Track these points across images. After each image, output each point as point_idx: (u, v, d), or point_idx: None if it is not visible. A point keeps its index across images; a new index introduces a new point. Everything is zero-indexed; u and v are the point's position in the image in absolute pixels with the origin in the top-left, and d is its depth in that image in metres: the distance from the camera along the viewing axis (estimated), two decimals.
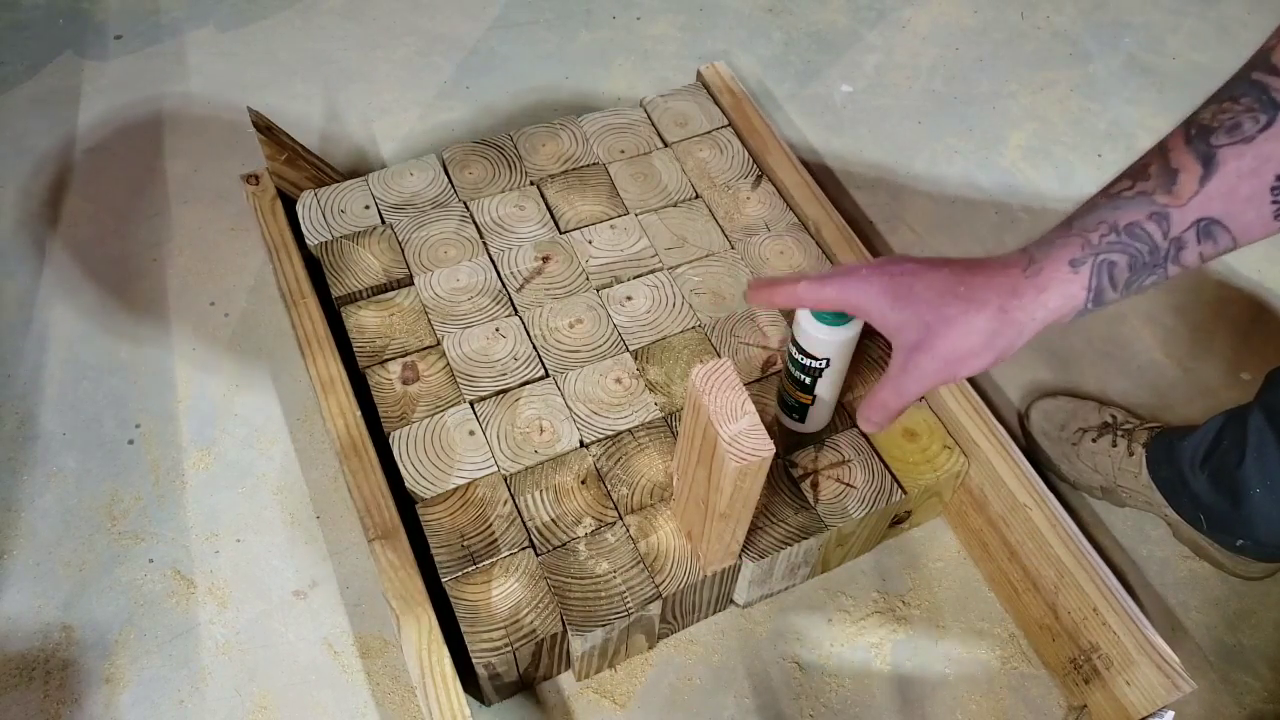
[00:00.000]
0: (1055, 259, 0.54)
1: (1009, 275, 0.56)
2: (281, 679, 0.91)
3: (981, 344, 0.56)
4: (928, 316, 0.57)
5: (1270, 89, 0.47)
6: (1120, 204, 0.52)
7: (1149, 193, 0.51)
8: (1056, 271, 0.54)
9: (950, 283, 0.57)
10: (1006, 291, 0.55)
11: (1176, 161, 0.50)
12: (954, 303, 0.56)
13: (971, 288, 0.56)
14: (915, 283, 0.58)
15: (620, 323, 1.00)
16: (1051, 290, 0.55)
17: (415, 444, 0.91)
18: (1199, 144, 0.50)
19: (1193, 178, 0.50)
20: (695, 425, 0.73)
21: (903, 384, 0.60)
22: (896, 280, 0.59)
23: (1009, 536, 0.92)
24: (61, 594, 0.96)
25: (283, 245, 1.05)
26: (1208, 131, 0.49)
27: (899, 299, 0.59)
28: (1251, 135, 0.48)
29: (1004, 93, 1.46)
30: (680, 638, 0.94)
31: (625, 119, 1.19)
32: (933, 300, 0.57)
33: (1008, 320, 0.55)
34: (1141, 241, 0.52)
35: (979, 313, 0.56)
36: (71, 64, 1.44)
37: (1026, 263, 0.55)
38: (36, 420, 1.08)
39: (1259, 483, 0.85)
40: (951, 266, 0.58)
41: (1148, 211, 0.51)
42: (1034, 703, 0.91)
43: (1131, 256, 0.53)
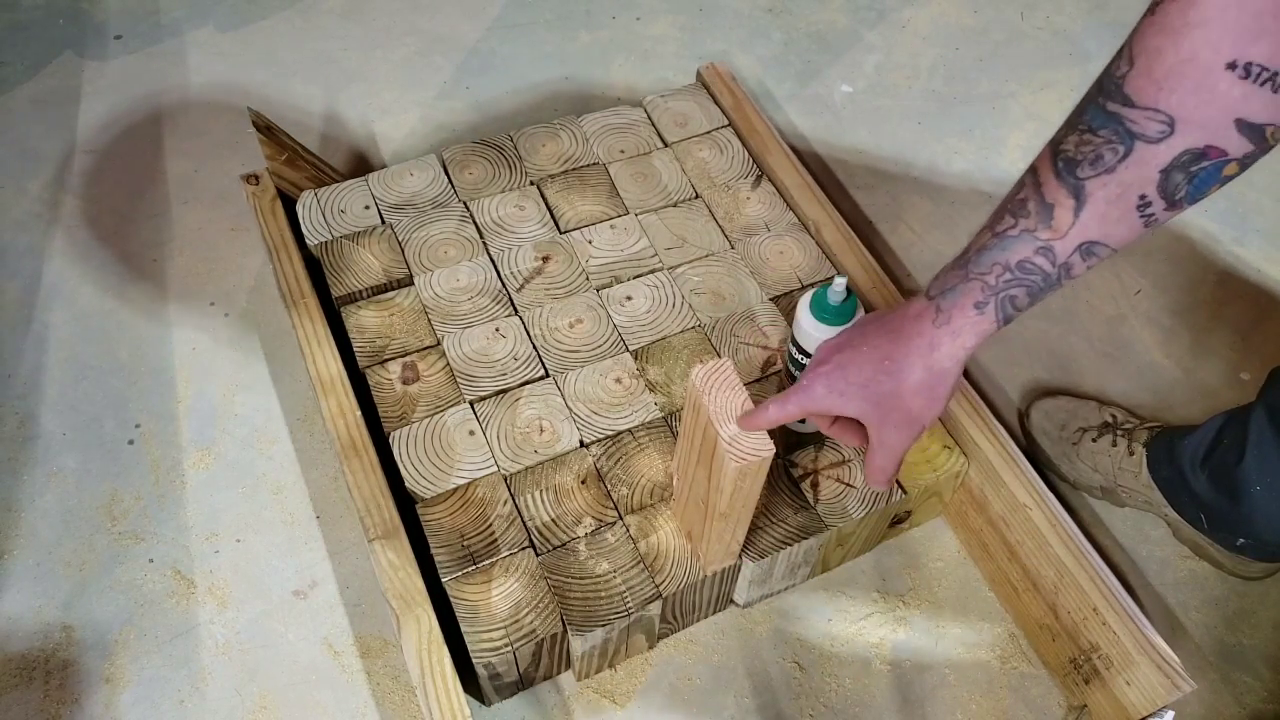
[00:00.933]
0: (961, 305, 0.61)
1: (923, 334, 0.62)
2: (281, 679, 0.91)
3: (925, 402, 0.64)
4: (873, 399, 0.65)
5: (1125, 120, 0.52)
6: (1007, 243, 0.58)
7: (1031, 230, 0.57)
8: (964, 317, 0.61)
9: (875, 363, 0.64)
10: (925, 349, 0.62)
11: (1050, 196, 0.56)
12: (886, 380, 0.64)
13: (894, 360, 0.63)
14: (847, 374, 0.65)
15: (620, 323, 1.00)
16: (965, 333, 0.61)
17: (415, 444, 0.91)
18: (1068, 177, 0.55)
19: (1067, 211, 0.55)
20: (695, 425, 0.73)
21: (886, 456, 0.68)
22: (832, 378, 0.66)
23: (1009, 536, 0.92)
24: (61, 594, 0.96)
25: (283, 245, 1.05)
26: (1074, 164, 0.55)
27: (844, 394, 0.66)
28: (1113, 166, 0.53)
29: (1004, 93, 1.46)
30: (680, 638, 0.94)
31: (625, 119, 1.19)
32: (868, 384, 0.65)
33: (936, 372, 0.63)
34: (1034, 274, 0.58)
35: (910, 375, 0.63)
36: (71, 64, 1.44)
37: (934, 313, 0.62)
38: (36, 420, 1.08)
39: (1259, 481, 0.85)
40: (868, 340, 0.65)
41: (1034, 248, 0.57)
42: (1034, 703, 0.91)
43: (1028, 287, 0.59)
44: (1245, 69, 0.47)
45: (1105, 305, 1.21)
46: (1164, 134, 0.51)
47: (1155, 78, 0.50)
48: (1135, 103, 0.51)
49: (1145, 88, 0.51)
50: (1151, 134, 0.51)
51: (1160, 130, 0.51)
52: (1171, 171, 0.52)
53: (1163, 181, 0.52)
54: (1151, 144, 0.52)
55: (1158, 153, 0.52)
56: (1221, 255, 1.26)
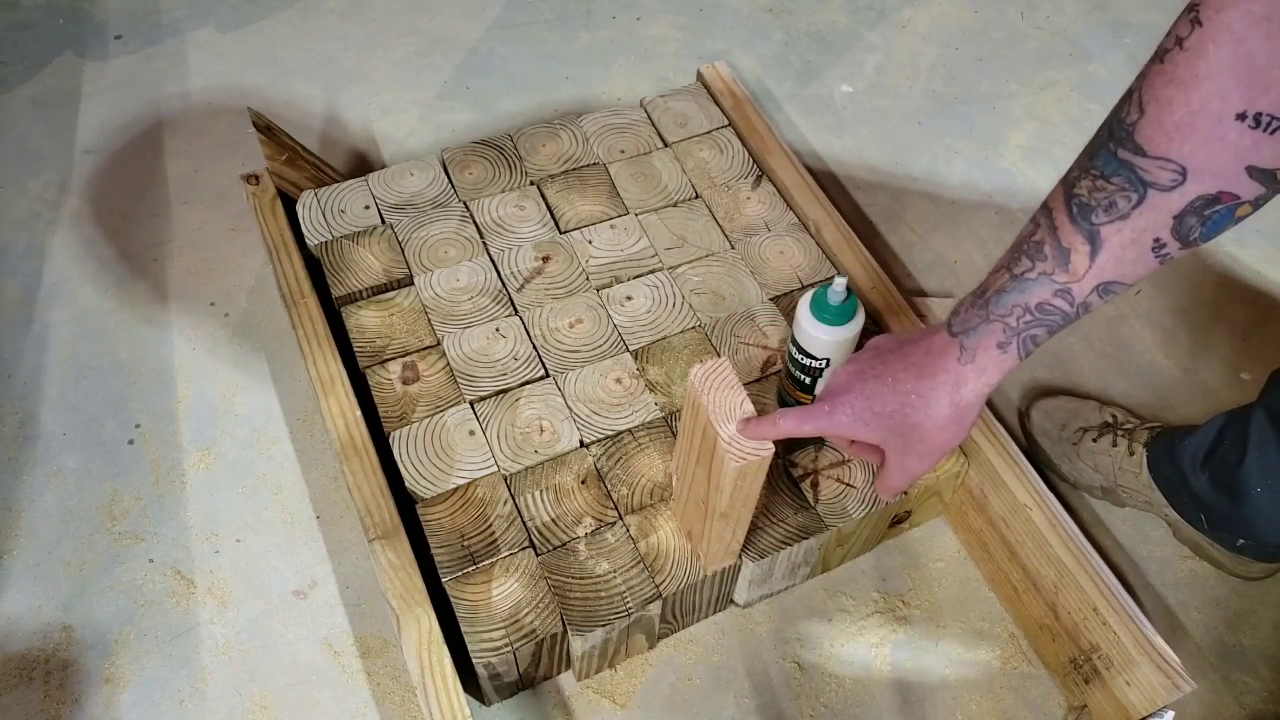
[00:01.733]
0: (984, 346, 0.63)
1: (948, 370, 0.64)
2: (281, 679, 0.91)
3: (950, 434, 0.66)
4: (899, 428, 0.67)
5: (1137, 169, 0.53)
6: (1026, 286, 0.60)
7: (1049, 273, 0.59)
8: (988, 356, 0.63)
9: (901, 396, 0.66)
10: (951, 386, 0.64)
11: (1066, 241, 0.58)
12: (914, 412, 0.66)
13: (921, 394, 0.65)
14: (873, 404, 0.67)
15: (620, 323, 1.00)
16: (989, 370, 0.64)
17: (415, 444, 0.91)
18: (1083, 223, 0.57)
19: (1083, 256, 0.57)
20: (695, 425, 0.73)
21: (901, 478, 0.71)
22: (856, 408, 0.68)
23: (1009, 536, 0.92)
24: (61, 594, 0.96)
25: (283, 245, 1.05)
26: (1088, 209, 0.56)
27: (868, 424, 0.68)
28: (1127, 213, 0.54)
29: (1004, 93, 1.46)
30: (680, 638, 0.94)
31: (625, 119, 1.19)
32: (894, 415, 0.67)
33: (961, 406, 0.65)
34: (1053, 315, 0.61)
35: (938, 412, 0.65)
36: (71, 64, 1.44)
37: (959, 351, 0.64)
38: (36, 420, 1.08)
39: (1260, 482, 0.85)
40: (894, 373, 0.67)
41: (1052, 290, 0.59)
42: (1034, 703, 0.91)
43: (1048, 327, 0.62)
44: (1255, 119, 0.48)
45: (1105, 305, 1.21)
46: (1176, 182, 0.52)
47: (1166, 128, 0.51)
48: (1147, 152, 0.52)
49: (1156, 138, 0.52)
50: (1164, 182, 0.52)
51: (1173, 179, 0.52)
52: (1185, 216, 0.53)
53: (1176, 226, 0.54)
54: (1164, 192, 0.53)
55: (1171, 200, 0.53)
56: (1221, 256, 1.26)
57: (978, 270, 1.23)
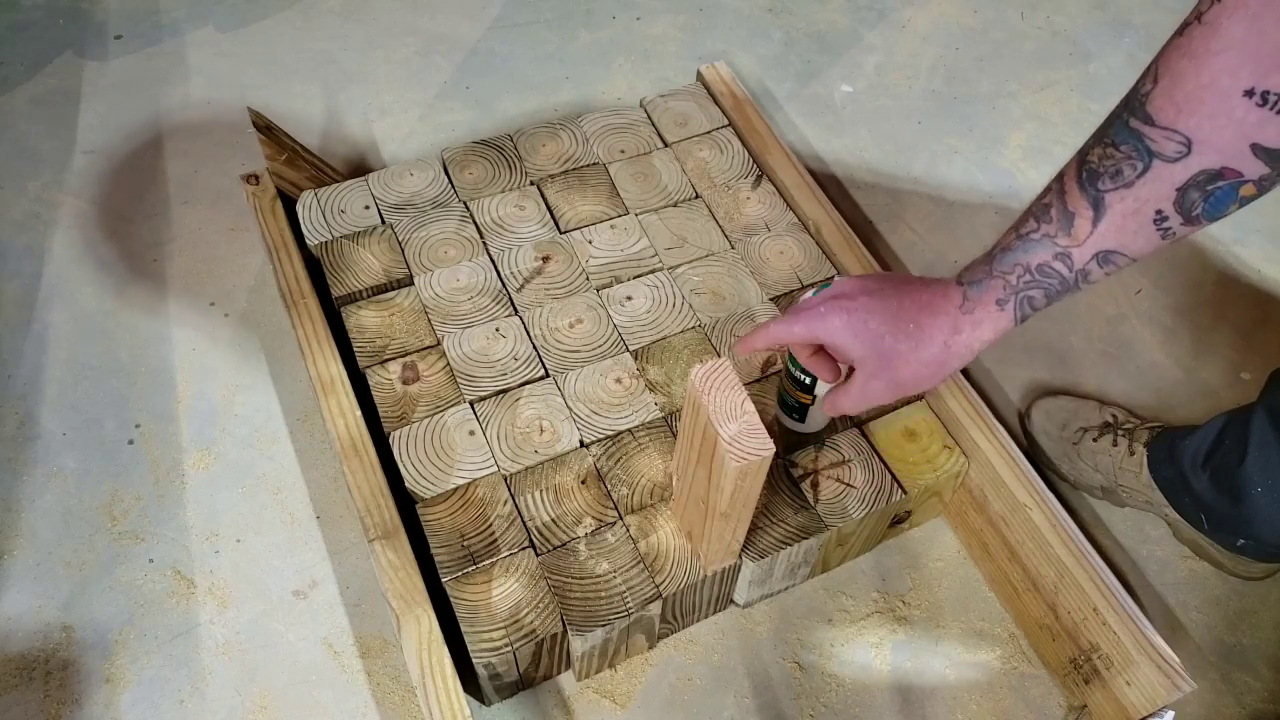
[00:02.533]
0: (984, 300, 0.64)
1: (949, 313, 0.65)
2: (281, 679, 0.91)
3: (929, 373, 0.67)
4: (885, 351, 0.67)
5: (1145, 138, 0.54)
6: (1029, 246, 0.61)
7: (1052, 235, 0.60)
8: (987, 311, 0.64)
9: (900, 319, 0.66)
10: (949, 329, 0.65)
11: (1072, 205, 0.59)
12: (905, 340, 0.66)
13: (920, 325, 0.66)
14: (869, 319, 0.67)
15: (620, 323, 1.00)
16: (985, 325, 0.65)
17: (415, 444, 0.91)
18: (1089, 188, 0.58)
19: (1086, 221, 0.58)
20: (695, 425, 0.73)
21: (861, 400, 0.71)
22: (853, 315, 0.68)
23: (1009, 536, 0.92)
24: (61, 594, 0.96)
25: (283, 245, 1.05)
26: (1095, 176, 0.57)
27: (857, 334, 0.68)
28: (1131, 181, 0.55)
29: (1004, 93, 1.46)
30: (680, 638, 0.94)
31: (625, 119, 1.19)
32: (887, 337, 0.67)
33: (950, 352, 0.66)
34: (1052, 278, 0.61)
35: (927, 348, 0.66)
36: (71, 64, 1.44)
37: (961, 299, 0.65)
38: (36, 420, 1.08)
39: (1260, 482, 0.85)
40: (900, 299, 0.67)
41: (1053, 253, 0.60)
42: (1034, 703, 0.91)
43: (1045, 289, 0.62)
44: (1263, 96, 0.49)
45: (1105, 305, 1.21)
46: (1181, 154, 0.53)
47: (1176, 100, 0.52)
48: (1156, 122, 0.53)
49: (1165, 108, 0.53)
50: (1169, 153, 0.53)
51: (1178, 150, 0.53)
52: (1188, 190, 0.54)
53: (1179, 199, 0.54)
54: (1169, 163, 0.53)
55: (1174, 171, 0.53)
56: (1222, 255, 1.26)
57: None
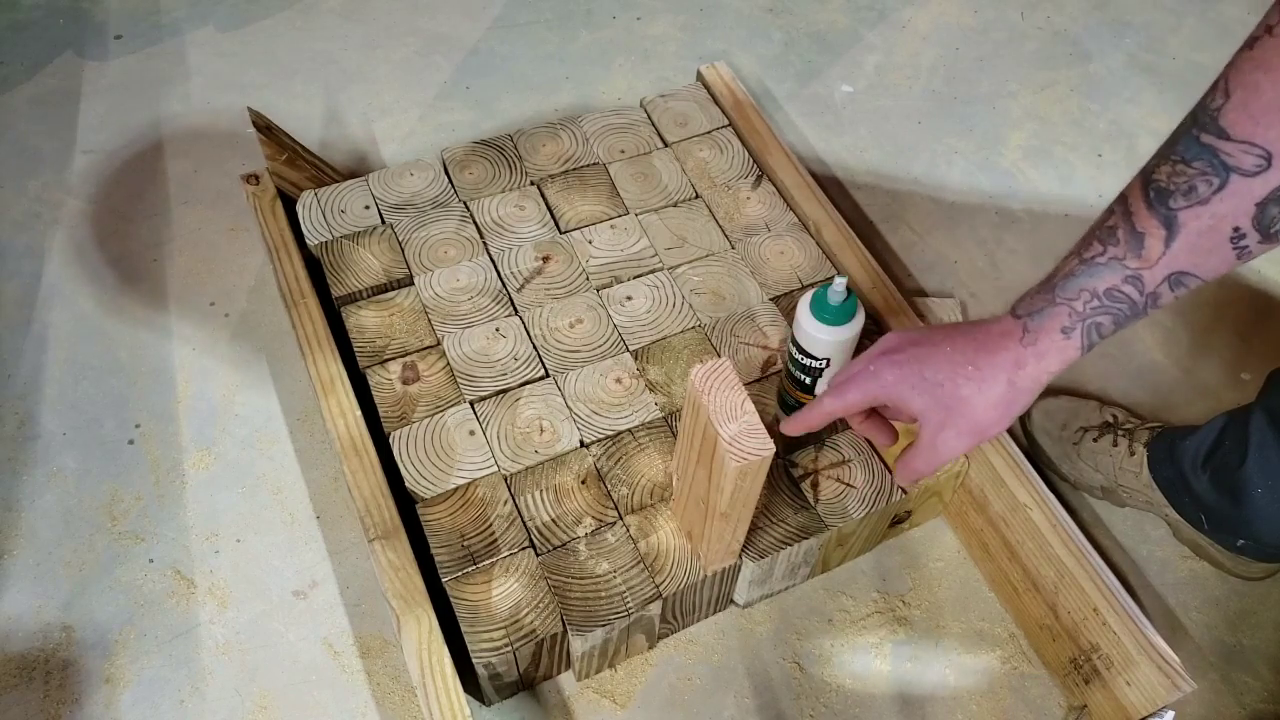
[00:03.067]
0: (1048, 329, 0.61)
1: (1009, 349, 0.62)
2: (281, 679, 0.91)
3: (999, 415, 0.63)
4: (947, 400, 0.63)
5: (1220, 153, 0.52)
6: (1095, 270, 0.58)
7: (1120, 258, 0.57)
8: (1051, 341, 0.61)
9: (958, 363, 0.63)
10: (1011, 365, 0.62)
11: (1141, 225, 0.56)
12: (966, 384, 0.63)
13: (979, 366, 0.62)
14: (924, 369, 0.64)
15: (620, 323, 1.00)
16: (1050, 356, 0.61)
17: (415, 444, 0.91)
18: (1159, 207, 0.55)
19: (1158, 241, 0.55)
20: (695, 425, 0.73)
21: (934, 458, 0.66)
22: (906, 368, 0.65)
23: (1009, 536, 0.92)
24: (61, 594, 0.96)
25: (283, 245, 1.05)
26: (1166, 194, 0.54)
27: (915, 386, 0.64)
28: (1207, 198, 0.53)
29: (1004, 93, 1.46)
30: (680, 638, 0.94)
31: (625, 119, 1.19)
32: (944, 384, 0.63)
33: (1017, 390, 0.62)
34: (1121, 303, 0.58)
35: (991, 389, 0.62)
36: (71, 64, 1.44)
37: (1021, 332, 0.62)
38: (36, 420, 1.08)
39: (1260, 483, 0.85)
40: (953, 343, 0.64)
41: (1122, 276, 0.57)
42: (1034, 703, 0.91)
43: (1115, 315, 0.59)
44: None
45: None
46: (1261, 167, 0.51)
47: (1252, 112, 0.51)
48: (1231, 136, 0.52)
49: (1241, 121, 0.51)
50: (1248, 167, 0.52)
51: (1257, 164, 0.51)
52: (1268, 205, 0.52)
53: (1258, 214, 0.53)
54: (1248, 177, 0.52)
55: (1253, 186, 0.52)
56: None
57: (978, 270, 1.23)
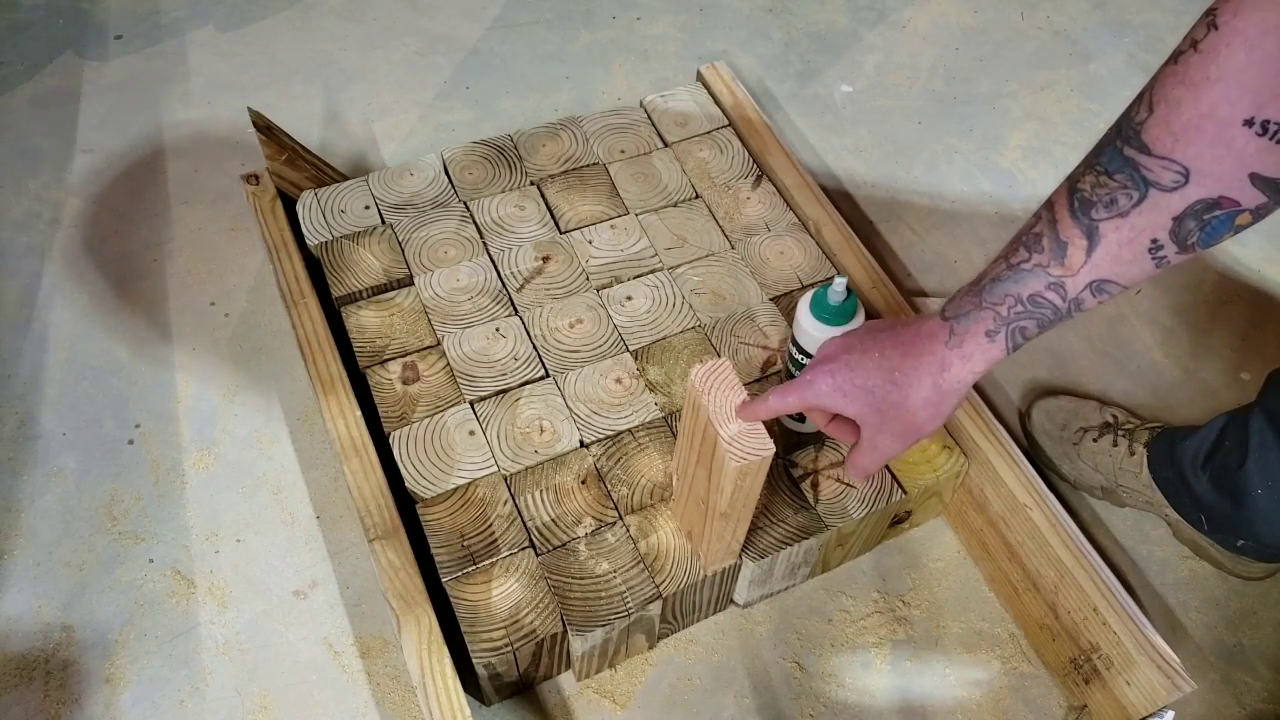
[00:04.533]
0: (973, 332, 0.63)
1: (934, 353, 0.64)
2: (281, 679, 0.91)
3: (927, 416, 0.66)
4: (878, 404, 0.66)
5: (1140, 167, 0.53)
6: (1020, 276, 0.60)
7: (1044, 265, 0.59)
8: (976, 344, 0.63)
9: (885, 372, 0.66)
10: (936, 368, 0.64)
11: (1064, 234, 0.58)
12: (894, 390, 0.66)
13: (905, 372, 0.65)
14: (854, 377, 0.67)
15: (620, 323, 1.00)
16: (976, 358, 0.64)
17: (415, 444, 0.91)
18: (1082, 217, 0.56)
19: (1080, 250, 0.57)
20: (695, 425, 0.73)
21: (874, 457, 0.70)
22: (838, 377, 0.67)
23: (1009, 536, 0.92)
24: (61, 594, 0.96)
25: (283, 245, 1.05)
26: (1089, 205, 0.56)
27: (847, 394, 0.67)
28: (1126, 210, 0.54)
29: (1004, 93, 1.46)
30: (680, 638, 0.94)
31: (625, 119, 1.19)
32: (874, 390, 0.66)
33: (943, 391, 0.65)
34: (1044, 308, 0.60)
35: (918, 392, 0.65)
36: (71, 64, 1.44)
37: (948, 335, 0.64)
38: (36, 420, 1.08)
39: (1260, 484, 0.85)
40: (881, 349, 0.67)
41: (1046, 283, 0.59)
42: (1034, 703, 0.91)
43: (1038, 320, 0.61)
44: (1262, 126, 0.48)
45: (1106, 305, 1.21)
46: (1179, 183, 0.52)
47: (1173, 129, 0.51)
48: (1152, 151, 0.52)
49: (1162, 137, 0.52)
50: (1166, 183, 0.52)
51: (1175, 180, 0.52)
52: (1185, 219, 0.53)
53: (1175, 228, 0.54)
54: (1166, 192, 0.53)
55: (1171, 200, 0.53)
56: (1221, 255, 1.26)
57: (977, 270, 1.22)
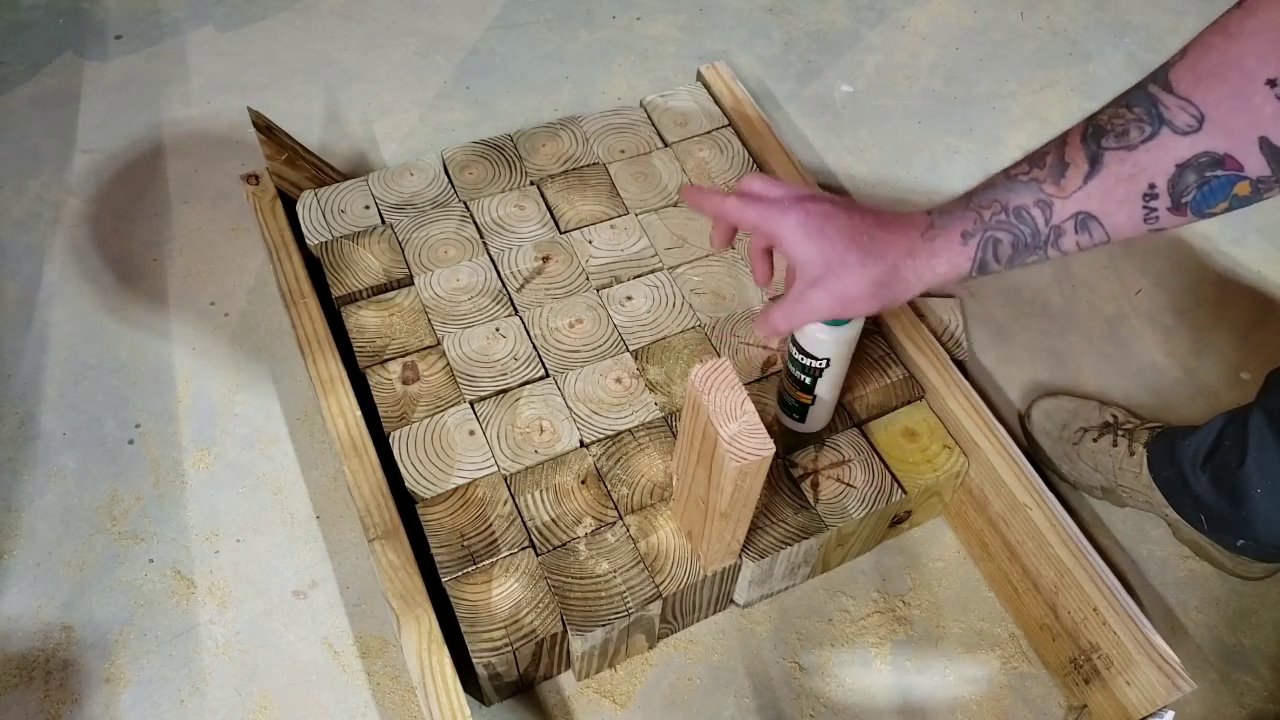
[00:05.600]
0: (951, 230, 0.62)
1: (908, 236, 0.63)
2: (281, 679, 0.91)
3: (870, 292, 0.64)
4: (831, 258, 0.64)
5: (1159, 103, 0.53)
6: (1014, 186, 0.59)
7: (1040, 180, 0.58)
8: (949, 241, 0.62)
9: (857, 232, 0.64)
10: (904, 251, 0.63)
11: (1070, 156, 0.57)
12: (856, 251, 0.63)
13: (875, 241, 0.63)
14: (826, 224, 0.64)
15: (620, 323, 1.00)
16: (941, 256, 0.62)
17: (415, 444, 0.91)
18: (1091, 143, 0.56)
19: (1079, 173, 0.56)
20: (695, 425, 0.73)
21: (796, 311, 0.66)
22: (811, 216, 0.64)
23: (1009, 536, 0.92)
24: (61, 594, 0.96)
25: (283, 245, 1.05)
26: (1101, 132, 0.56)
27: (810, 235, 0.64)
28: (1135, 144, 0.54)
29: (1004, 93, 1.46)
30: (680, 638, 0.94)
31: (625, 119, 1.19)
32: (839, 244, 0.64)
33: (898, 277, 0.63)
34: (1025, 224, 0.59)
35: (876, 265, 0.63)
36: (71, 64, 1.44)
37: (926, 226, 0.63)
38: (36, 420, 1.08)
39: (1260, 483, 0.85)
40: (862, 215, 0.65)
41: (1034, 198, 0.58)
42: (1034, 703, 0.91)
43: (1015, 237, 0.60)
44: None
45: (1105, 305, 1.21)
46: (1191, 128, 0.52)
47: (1198, 71, 0.52)
48: (1174, 89, 0.53)
49: (1186, 77, 0.52)
50: (1180, 124, 0.52)
51: (1189, 124, 0.52)
52: (1186, 170, 0.53)
53: (1175, 176, 0.53)
54: (1177, 134, 0.53)
55: (1180, 145, 0.53)
56: (1222, 255, 1.26)
57: None
